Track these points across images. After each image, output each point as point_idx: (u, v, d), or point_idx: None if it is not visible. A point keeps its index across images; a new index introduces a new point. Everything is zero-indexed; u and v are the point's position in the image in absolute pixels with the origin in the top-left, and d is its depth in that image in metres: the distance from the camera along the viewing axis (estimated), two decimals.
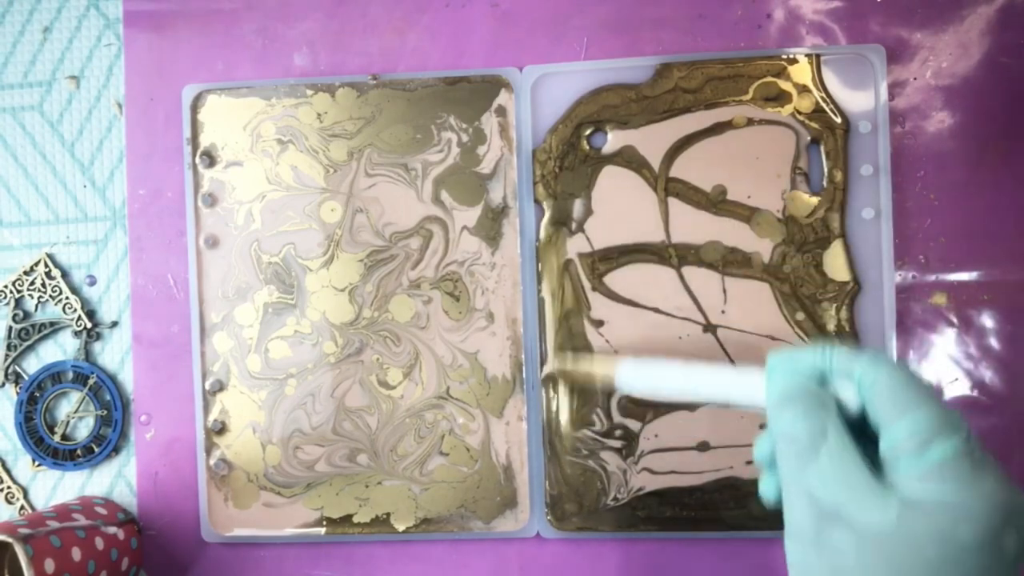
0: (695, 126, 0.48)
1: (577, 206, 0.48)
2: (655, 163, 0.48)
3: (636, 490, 0.48)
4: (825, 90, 0.47)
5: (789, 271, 0.47)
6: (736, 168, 0.48)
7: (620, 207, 0.48)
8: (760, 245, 0.47)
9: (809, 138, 0.47)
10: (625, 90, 0.48)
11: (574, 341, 0.48)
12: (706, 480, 0.47)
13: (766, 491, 0.32)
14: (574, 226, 0.48)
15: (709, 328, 0.48)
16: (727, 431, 0.47)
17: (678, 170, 0.48)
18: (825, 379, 0.31)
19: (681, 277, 0.48)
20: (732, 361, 0.47)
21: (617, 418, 0.48)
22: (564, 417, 0.48)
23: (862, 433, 0.30)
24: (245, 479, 0.50)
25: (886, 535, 0.27)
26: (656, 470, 0.48)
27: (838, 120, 0.47)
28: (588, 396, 0.48)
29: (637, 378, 0.37)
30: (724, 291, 0.48)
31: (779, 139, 0.47)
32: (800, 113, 0.47)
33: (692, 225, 0.48)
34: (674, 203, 0.48)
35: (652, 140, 0.48)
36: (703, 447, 0.47)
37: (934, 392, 0.28)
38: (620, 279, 0.48)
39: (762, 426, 0.47)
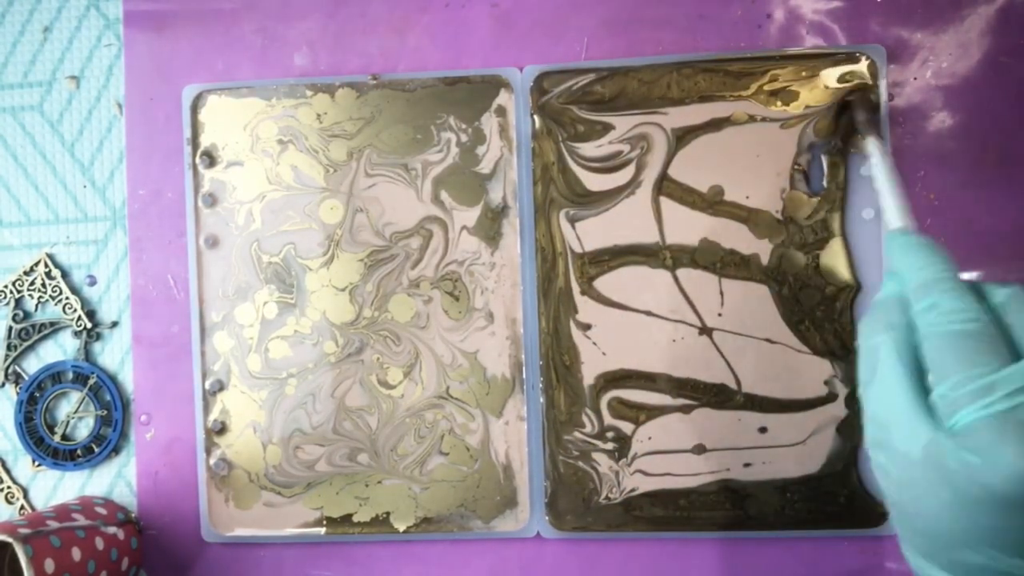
0: (694, 119, 0.48)
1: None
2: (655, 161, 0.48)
3: (629, 491, 0.48)
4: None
5: (788, 272, 0.47)
6: (735, 167, 0.47)
7: (615, 208, 0.48)
8: (759, 246, 0.47)
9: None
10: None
11: (561, 341, 0.48)
12: (703, 482, 0.47)
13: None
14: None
15: (705, 331, 0.48)
16: (723, 434, 0.47)
17: (675, 169, 0.48)
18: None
19: (676, 279, 0.48)
20: (729, 365, 0.47)
21: (608, 420, 0.48)
22: (553, 417, 0.48)
23: None
24: (246, 479, 0.50)
25: (912, 465, 0.28)
26: (650, 472, 0.48)
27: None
28: (577, 396, 0.48)
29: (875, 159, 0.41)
30: (721, 293, 0.47)
31: (779, 138, 0.47)
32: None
33: (688, 226, 0.48)
34: (669, 204, 0.48)
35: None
36: (699, 450, 0.47)
37: (988, 346, 0.28)
38: (611, 281, 0.48)
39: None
